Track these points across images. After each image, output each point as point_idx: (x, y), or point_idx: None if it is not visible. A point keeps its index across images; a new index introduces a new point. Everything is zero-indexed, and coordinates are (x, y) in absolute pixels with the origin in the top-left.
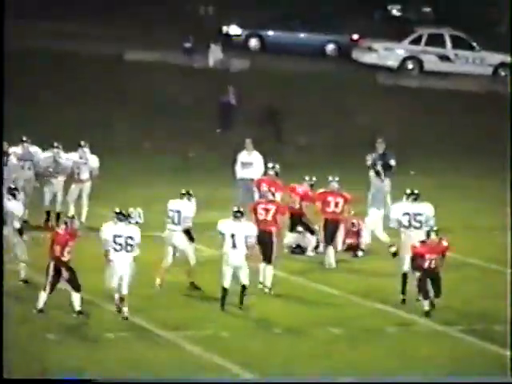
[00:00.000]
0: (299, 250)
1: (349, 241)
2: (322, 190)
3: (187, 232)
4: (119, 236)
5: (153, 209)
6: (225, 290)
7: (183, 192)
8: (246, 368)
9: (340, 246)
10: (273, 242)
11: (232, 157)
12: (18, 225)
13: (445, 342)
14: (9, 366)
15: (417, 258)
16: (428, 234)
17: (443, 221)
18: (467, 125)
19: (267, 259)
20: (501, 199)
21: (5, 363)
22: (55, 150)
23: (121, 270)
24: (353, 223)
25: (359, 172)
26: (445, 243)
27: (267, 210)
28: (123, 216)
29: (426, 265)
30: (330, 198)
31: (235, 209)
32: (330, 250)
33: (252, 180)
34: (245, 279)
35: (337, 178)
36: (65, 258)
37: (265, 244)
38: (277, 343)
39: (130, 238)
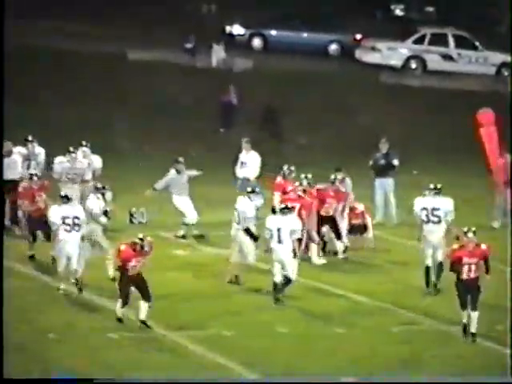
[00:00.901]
0: None
1: (355, 222)
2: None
3: (247, 230)
4: (67, 217)
5: (154, 208)
6: (276, 285)
7: (248, 190)
8: (248, 367)
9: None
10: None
11: (232, 156)
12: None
13: (447, 341)
14: (9, 366)
15: (455, 263)
16: (465, 233)
17: None
18: (470, 124)
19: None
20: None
21: (5, 363)
22: (73, 155)
23: (69, 249)
24: (353, 207)
25: (360, 172)
26: (483, 246)
27: (292, 207)
28: (67, 199)
29: (465, 273)
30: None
31: (282, 206)
32: (313, 246)
33: (248, 180)
34: (291, 274)
35: (310, 175)
36: (130, 272)
37: None
38: (280, 342)
39: (77, 217)
